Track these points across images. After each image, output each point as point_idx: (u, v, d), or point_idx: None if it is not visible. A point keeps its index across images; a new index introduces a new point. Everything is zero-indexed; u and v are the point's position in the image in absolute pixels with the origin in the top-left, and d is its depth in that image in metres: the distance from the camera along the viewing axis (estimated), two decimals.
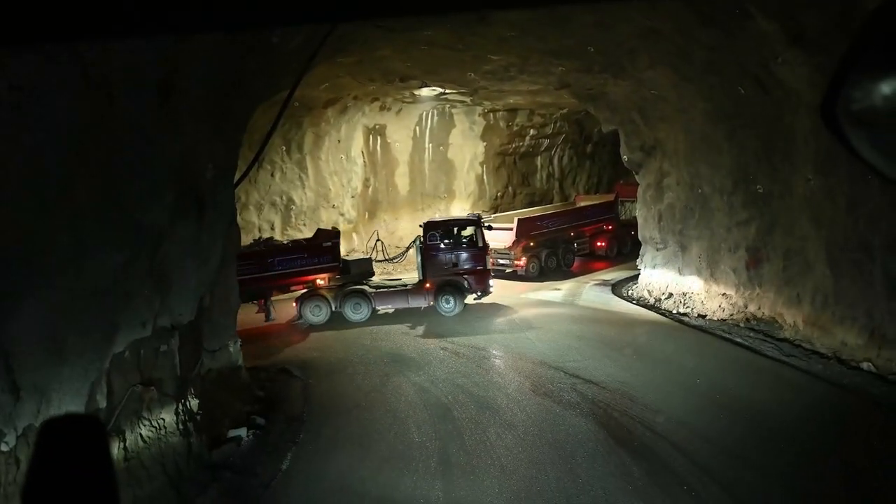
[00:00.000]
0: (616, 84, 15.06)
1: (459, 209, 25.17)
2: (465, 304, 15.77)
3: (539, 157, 27.35)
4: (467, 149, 25.40)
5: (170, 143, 6.90)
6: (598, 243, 23.09)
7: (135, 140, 6.19)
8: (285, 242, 17.20)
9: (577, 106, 20.35)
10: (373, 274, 16.56)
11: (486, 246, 16.06)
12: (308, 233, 19.87)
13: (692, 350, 11.88)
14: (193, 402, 7.96)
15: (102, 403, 6.05)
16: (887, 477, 6.67)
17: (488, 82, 17.52)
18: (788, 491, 6.52)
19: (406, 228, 23.50)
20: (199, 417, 7.92)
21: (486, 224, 16.78)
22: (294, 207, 21.58)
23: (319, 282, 15.41)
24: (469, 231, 15.97)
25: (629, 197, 21.87)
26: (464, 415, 9.08)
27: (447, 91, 20.16)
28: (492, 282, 16.14)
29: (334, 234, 16.13)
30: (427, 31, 12.31)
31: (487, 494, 6.78)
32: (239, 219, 11.84)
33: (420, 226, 16.37)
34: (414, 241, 16.55)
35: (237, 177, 10.59)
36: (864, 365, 9.67)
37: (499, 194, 26.34)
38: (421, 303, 15.71)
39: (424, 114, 24.23)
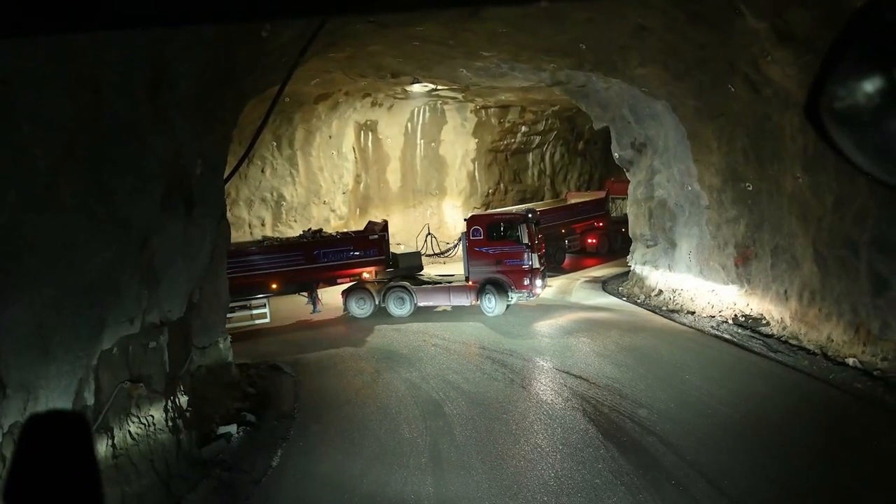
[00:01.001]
0: (607, 81, 15.09)
1: (451, 206, 25.14)
2: (511, 305, 14.91)
3: (530, 154, 27.36)
4: (459, 145, 25.35)
5: (158, 138, 6.84)
6: (589, 240, 23.17)
7: (123, 135, 6.13)
8: (334, 234, 17.08)
9: (569, 103, 20.38)
10: (421, 268, 16.29)
11: (534, 243, 14.97)
12: (300, 229, 19.77)
13: (681, 346, 11.96)
14: (183, 399, 7.92)
15: (90, 400, 6.00)
16: (871, 471, 6.76)
17: (480, 79, 17.50)
18: (774, 485, 6.60)
19: (398, 225, 23.44)
20: (188, 414, 7.89)
21: (536, 220, 15.59)
22: (285, 203, 21.49)
23: (366, 275, 15.24)
24: (517, 228, 14.85)
25: (620, 194, 21.98)
26: (454, 411, 9.10)
27: (439, 87, 20.12)
28: (539, 282, 14.87)
29: (382, 227, 15.92)
30: (419, 27, 12.27)
31: (478, 490, 6.81)
32: (229, 215, 11.77)
33: (464, 220, 15.82)
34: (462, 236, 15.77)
35: (227, 172, 10.52)
36: (850, 360, 9.78)
37: (490, 191, 26.33)
38: (463, 301, 14.95)
39: (416, 110, 24.16)
